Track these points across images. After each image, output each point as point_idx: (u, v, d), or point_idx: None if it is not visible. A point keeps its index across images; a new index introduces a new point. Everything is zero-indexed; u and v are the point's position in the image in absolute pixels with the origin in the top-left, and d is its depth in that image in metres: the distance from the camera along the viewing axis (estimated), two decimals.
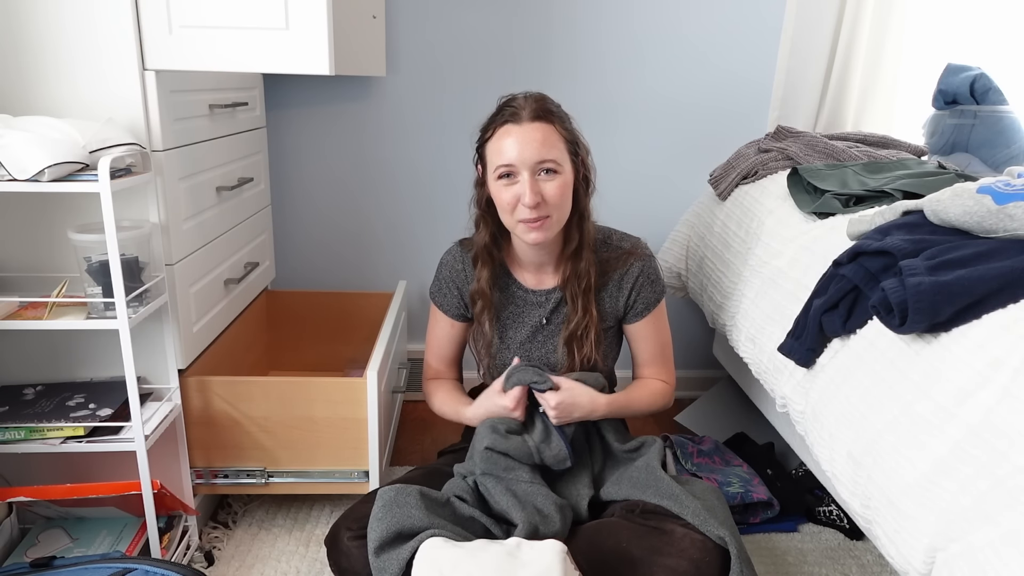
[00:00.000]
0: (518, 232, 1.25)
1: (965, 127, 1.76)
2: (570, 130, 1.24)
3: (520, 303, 1.37)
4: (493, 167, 1.22)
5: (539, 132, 1.18)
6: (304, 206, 2.15)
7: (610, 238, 1.37)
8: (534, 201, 1.17)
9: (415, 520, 1.09)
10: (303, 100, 2.05)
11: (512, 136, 1.18)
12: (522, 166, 1.18)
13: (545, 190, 1.19)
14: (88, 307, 1.23)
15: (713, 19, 2.05)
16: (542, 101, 1.22)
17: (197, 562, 1.47)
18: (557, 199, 1.20)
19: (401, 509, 1.10)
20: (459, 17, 2.02)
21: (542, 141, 1.18)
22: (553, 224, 1.23)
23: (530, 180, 1.18)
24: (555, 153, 1.19)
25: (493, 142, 1.22)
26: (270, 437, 1.48)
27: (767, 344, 1.36)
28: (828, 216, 1.40)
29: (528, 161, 1.17)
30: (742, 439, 1.94)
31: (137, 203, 1.31)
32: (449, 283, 1.40)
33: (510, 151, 1.18)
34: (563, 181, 1.20)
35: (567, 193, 1.22)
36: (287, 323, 2.04)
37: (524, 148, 1.17)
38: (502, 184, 1.21)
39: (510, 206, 1.21)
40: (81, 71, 1.24)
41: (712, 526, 1.09)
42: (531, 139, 1.17)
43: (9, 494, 1.27)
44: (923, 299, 0.92)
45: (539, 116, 1.19)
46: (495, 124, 1.22)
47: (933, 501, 0.85)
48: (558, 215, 1.22)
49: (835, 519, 1.65)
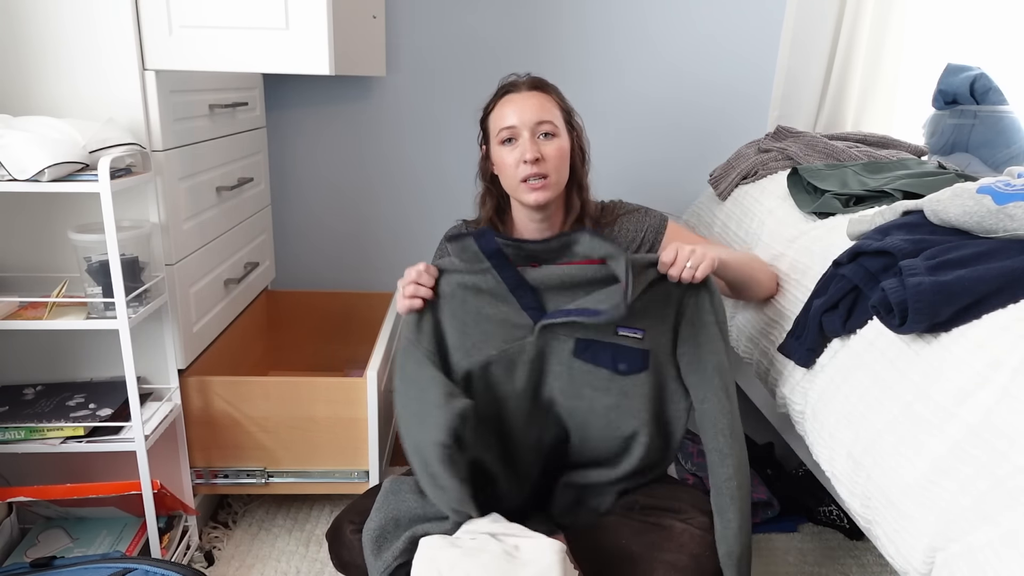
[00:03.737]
0: (520, 195, 1.29)
1: (965, 127, 1.76)
2: (565, 101, 1.33)
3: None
4: (496, 132, 1.29)
5: (536, 99, 1.28)
6: (304, 206, 2.15)
7: (606, 205, 1.41)
8: (534, 155, 1.24)
9: (411, 507, 1.13)
10: (303, 100, 2.05)
11: (512, 103, 1.27)
12: (522, 127, 1.25)
13: (545, 150, 1.26)
14: (88, 307, 1.23)
15: (713, 19, 2.05)
16: (537, 79, 1.33)
17: (197, 562, 1.47)
18: (556, 160, 1.26)
19: (396, 496, 1.15)
20: (459, 17, 2.01)
21: (539, 106, 1.27)
22: (552, 185, 1.28)
23: (530, 139, 1.25)
24: (552, 116, 1.27)
25: (495, 112, 1.30)
26: (270, 437, 1.48)
27: (767, 344, 1.36)
28: (828, 216, 1.39)
29: (528, 122, 1.25)
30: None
31: (137, 203, 1.31)
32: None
33: (511, 116, 1.27)
34: (560, 144, 1.27)
35: (564, 157, 1.29)
36: (287, 323, 2.04)
37: (523, 111, 1.26)
38: (505, 149, 1.28)
39: (513, 166, 1.27)
40: (81, 71, 1.24)
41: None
42: (529, 104, 1.26)
43: (9, 494, 1.27)
44: (923, 299, 0.91)
45: (536, 86, 1.30)
46: (496, 97, 1.32)
47: (933, 501, 0.85)
48: (556, 176, 1.28)
49: (835, 519, 1.65)
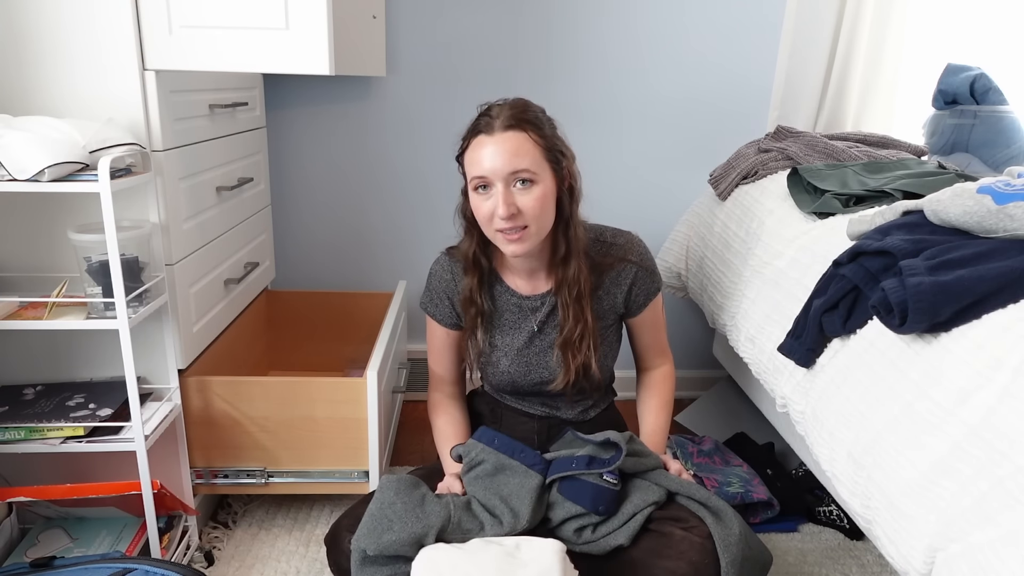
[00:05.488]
0: (498, 243, 1.22)
1: (965, 127, 1.76)
2: (548, 137, 1.18)
3: (514, 310, 1.33)
4: (469, 178, 1.20)
5: (511, 142, 1.14)
6: (304, 206, 2.15)
7: (602, 235, 1.33)
8: (507, 212, 1.14)
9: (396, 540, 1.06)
10: (303, 100, 2.05)
11: (484, 147, 1.15)
12: (495, 177, 1.14)
13: (521, 202, 1.15)
14: (88, 307, 1.23)
15: (713, 19, 2.05)
16: (517, 108, 1.17)
17: (197, 562, 1.47)
18: (535, 210, 1.16)
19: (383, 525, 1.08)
20: (459, 17, 2.01)
21: (515, 151, 1.13)
22: (532, 235, 1.19)
23: (504, 191, 1.14)
24: (528, 162, 1.14)
25: (469, 153, 1.19)
26: (270, 437, 1.48)
27: (767, 344, 1.36)
28: (828, 216, 1.39)
29: (501, 172, 1.14)
30: (742, 439, 1.93)
31: (137, 203, 1.31)
32: (440, 293, 1.36)
33: (483, 162, 1.15)
34: (541, 191, 1.16)
35: (546, 203, 1.17)
36: (287, 323, 2.04)
37: (496, 159, 1.13)
38: (479, 196, 1.18)
39: (487, 218, 1.18)
40: (81, 71, 1.24)
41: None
42: (503, 149, 1.13)
43: (9, 494, 1.27)
44: (923, 299, 0.92)
45: (511, 125, 1.15)
46: (470, 135, 1.19)
47: (933, 501, 0.85)
48: (537, 226, 1.18)
49: (835, 519, 1.65)
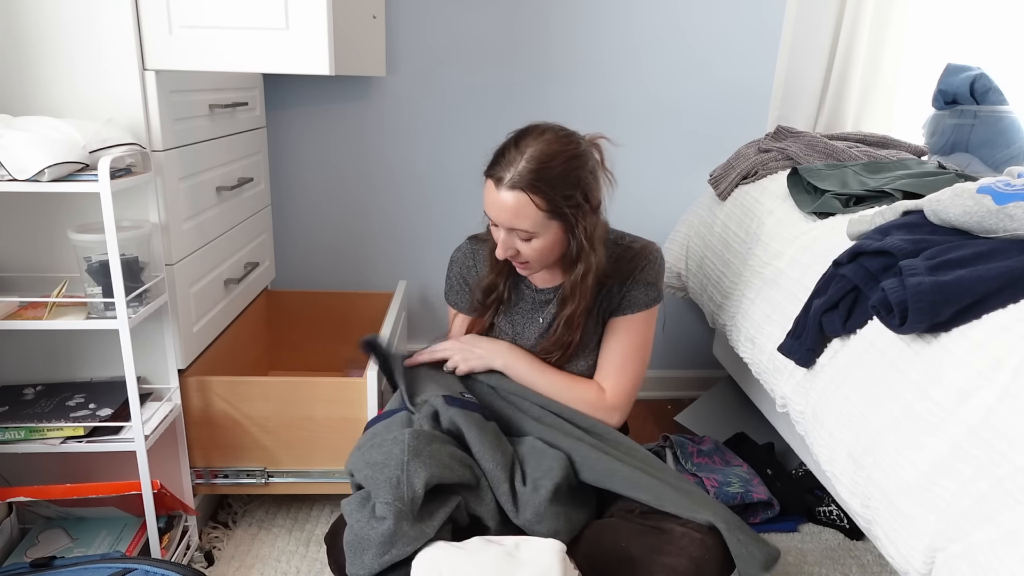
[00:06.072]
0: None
1: (965, 127, 1.76)
2: (554, 200, 1.17)
3: (529, 302, 1.37)
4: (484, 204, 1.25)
5: (512, 203, 1.17)
6: (304, 206, 2.15)
7: (622, 239, 1.36)
8: (505, 255, 1.23)
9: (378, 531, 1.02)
10: (303, 100, 2.05)
11: (490, 195, 1.20)
12: (499, 223, 1.21)
13: (521, 247, 1.22)
14: (88, 307, 1.23)
15: (713, 19, 2.05)
16: (532, 162, 1.16)
17: (197, 562, 1.47)
18: (534, 256, 1.23)
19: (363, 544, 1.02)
20: (459, 17, 2.01)
21: (515, 213, 1.17)
22: (535, 267, 1.26)
23: (505, 237, 1.21)
24: (528, 224, 1.18)
25: (485, 184, 1.22)
26: (270, 437, 1.48)
27: (767, 344, 1.36)
28: (828, 216, 1.39)
29: (502, 224, 1.20)
30: (742, 439, 1.93)
31: (137, 203, 1.31)
32: (460, 280, 1.41)
33: (489, 207, 1.21)
34: (541, 244, 1.21)
35: (545, 251, 1.23)
36: (287, 323, 2.04)
37: (498, 214, 1.20)
38: (491, 224, 1.25)
39: (496, 245, 1.24)
40: (81, 71, 1.24)
41: (697, 512, 1.08)
42: (504, 208, 1.18)
43: (9, 494, 1.27)
44: (923, 299, 0.92)
45: (517, 185, 1.16)
46: (488, 169, 1.21)
47: (933, 501, 0.85)
48: (539, 263, 1.26)
49: (835, 519, 1.65)
